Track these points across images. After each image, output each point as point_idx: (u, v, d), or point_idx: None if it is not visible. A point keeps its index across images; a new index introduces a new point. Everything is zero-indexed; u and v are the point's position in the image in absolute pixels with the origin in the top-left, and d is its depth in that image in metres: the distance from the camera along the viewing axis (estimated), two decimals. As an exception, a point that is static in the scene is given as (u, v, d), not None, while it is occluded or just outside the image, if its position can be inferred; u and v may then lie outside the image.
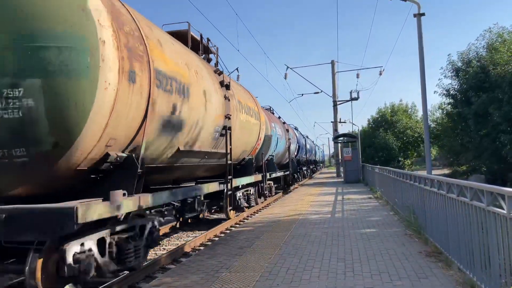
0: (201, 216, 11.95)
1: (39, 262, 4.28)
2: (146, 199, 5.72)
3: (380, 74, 32.22)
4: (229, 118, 9.20)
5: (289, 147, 21.68)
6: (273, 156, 17.06)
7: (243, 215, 12.58)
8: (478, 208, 4.26)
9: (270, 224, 9.62)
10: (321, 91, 33.49)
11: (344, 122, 35.71)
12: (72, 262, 4.46)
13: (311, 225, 9.15)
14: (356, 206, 12.26)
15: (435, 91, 25.11)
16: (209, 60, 10.02)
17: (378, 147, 40.11)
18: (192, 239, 9.22)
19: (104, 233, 5.10)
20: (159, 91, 5.81)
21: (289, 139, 21.78)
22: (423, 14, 13.04)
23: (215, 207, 10.95)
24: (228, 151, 9.34)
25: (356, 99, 32.69)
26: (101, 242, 5.04)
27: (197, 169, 8.86)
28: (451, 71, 23.57)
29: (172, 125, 6.41)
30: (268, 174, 15.32)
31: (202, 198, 9.27)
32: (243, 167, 11.97)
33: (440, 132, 29.99)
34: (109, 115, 4.73)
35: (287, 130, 21.94)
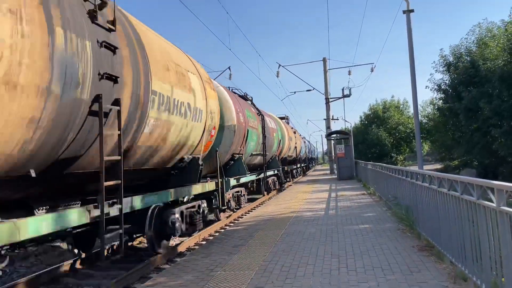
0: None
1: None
2: (285, 167, 24.43)
3: (372, 70, 32.37)
4: (296, 143, 27.43)
5: (305, 150, 39.85)
6: (300, 155, 32.48)
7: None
8: (469, 202, 4.30)
9: (265, 222, 9.65)
10: (313, 88, 33.58)
11: (337, 119, 35.98)
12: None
13: (305, 222, 9.19)
14: (349, 203, 12.34)
15: (426, 86, 25.35)
16: (288, 122, 28.13)
17: (371, 143, 40.35)
18: (187, 239, 9.22)
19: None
20: (286, 140, 23.00)
21: (305, 146, 40.50)
22: (412, 11, 13.12)
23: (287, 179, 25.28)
24: (297, 155, 28.66)
25: (348, 96, 32.81)
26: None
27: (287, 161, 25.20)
28: (443, 65, 23.75)
29: (282, 148, 21.65)
30: (301, 163, 35.56)
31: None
32: (298, 160, 29.81)
33: (431, 127, 30.20)
34: (288, 149, 24.48)
35: (304, 142, 40.66)
